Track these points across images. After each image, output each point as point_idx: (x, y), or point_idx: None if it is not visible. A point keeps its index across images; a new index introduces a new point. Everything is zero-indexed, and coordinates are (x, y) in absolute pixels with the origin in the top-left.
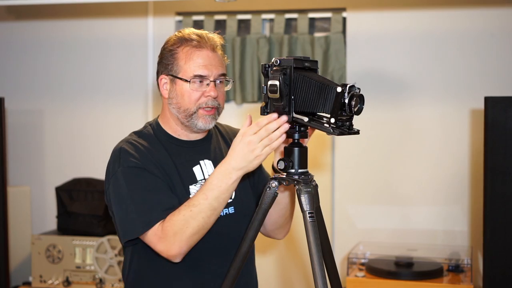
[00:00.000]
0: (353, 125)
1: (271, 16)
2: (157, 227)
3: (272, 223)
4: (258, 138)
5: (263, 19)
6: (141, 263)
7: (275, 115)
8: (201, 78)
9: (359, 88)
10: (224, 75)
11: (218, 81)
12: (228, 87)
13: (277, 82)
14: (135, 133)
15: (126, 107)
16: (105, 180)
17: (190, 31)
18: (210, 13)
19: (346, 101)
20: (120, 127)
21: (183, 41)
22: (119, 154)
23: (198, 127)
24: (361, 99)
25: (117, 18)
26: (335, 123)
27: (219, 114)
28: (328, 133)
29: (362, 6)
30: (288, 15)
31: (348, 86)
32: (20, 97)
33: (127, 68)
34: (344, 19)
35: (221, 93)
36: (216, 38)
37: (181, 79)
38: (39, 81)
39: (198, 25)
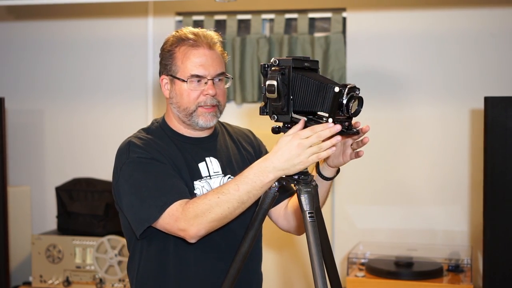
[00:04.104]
0: (352, 125)
1: (271, 16)
2: (174, 208)
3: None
4: (308, 143)
5: (263, 19)
6: (149, 260)
7: (331, 124)
8: (198, 77)
9: (358, 89)
10: (223, 73)
11: (217, 79)
12: (228, 84)
13: (274, 82)
14: (144, 129)
15: (126, 107)
16: (113, 174)
17: (187, 30)
18: (210, 13)
19: (344, 101)
20: (120, 127)
21: (180, 40)
22: (128, 147)
23: (199, 125)
24: (360, 101)
25: (117, 18)
26: (333, 122)
27: (220, 112)
28: None
29: (362, 6)
30: (288, 15)
31: (348, 87)
32: (20, 97)
33: (127, 68)
34: (344, 19)
35: (220, 90)
36: (213, 35)
37: (178, 79)
38: (39, 81)
39: (198, 25)
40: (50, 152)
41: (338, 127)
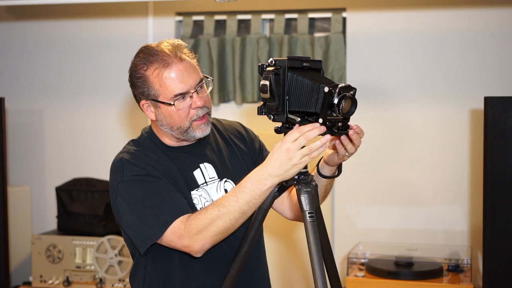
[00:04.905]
0: (349, 126)
1: (271, 16)
2: (176, 225)
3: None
4: (297, 146)
5: (263, 19)
6: (155, 274)
7: (317, 124)
8: (182, 95)
9: (354, 89)
10: (202, 79)
11: (199, 88)
12: (210, 87)
13: (267, 82)
14: (133, 141)
15: (126, 107)
16: (110, 191)
17: (148, 51)
18: (210, 13)
19: (335, 101)
20: (120, 127)
21: (148, 63)
22: (121, 165)
23: (197, 137)
24: (353, 101)
25: (117, 18)
26: (323, 123)
27: (210, 115)
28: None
29: (362, 6)
30: (288, 15)
31: (338, 86)
32: (20, 97)
33: (127, 68)
34: (344, 19)
35: (205, 97)
36: (176, 43)
37: (163, 103)
38: (39, 81)
39: (198, 25)
40: (50, 152)
41: (323, 128)
